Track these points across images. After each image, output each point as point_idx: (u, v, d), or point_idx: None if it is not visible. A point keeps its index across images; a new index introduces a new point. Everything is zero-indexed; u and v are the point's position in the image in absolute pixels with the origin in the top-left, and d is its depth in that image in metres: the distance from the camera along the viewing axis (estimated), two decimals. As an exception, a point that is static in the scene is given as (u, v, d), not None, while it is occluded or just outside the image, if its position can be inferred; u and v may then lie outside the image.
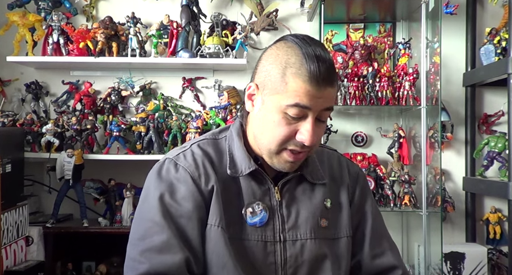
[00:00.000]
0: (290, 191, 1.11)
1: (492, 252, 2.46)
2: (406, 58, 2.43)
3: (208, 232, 1.04)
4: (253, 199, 1.08)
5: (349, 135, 2.63)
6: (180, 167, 1.07)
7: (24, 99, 2.62)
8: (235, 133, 1.13)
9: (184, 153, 1.10)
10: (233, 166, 1.09)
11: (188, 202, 1.04)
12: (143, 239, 1.02)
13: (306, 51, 0.99)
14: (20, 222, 2.19)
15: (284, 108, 1.00)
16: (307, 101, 0.98)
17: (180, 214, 1.03)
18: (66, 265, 2.40)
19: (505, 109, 2.42)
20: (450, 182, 2.62)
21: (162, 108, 2.53)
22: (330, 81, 0.99)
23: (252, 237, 1.06)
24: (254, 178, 1.09)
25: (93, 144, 2.50)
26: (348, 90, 2.36)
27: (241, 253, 1.05)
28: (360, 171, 1.24)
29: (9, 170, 2.15)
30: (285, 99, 0.99)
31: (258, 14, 2.57)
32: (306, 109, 0.99)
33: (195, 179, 1.06)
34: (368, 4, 2.45)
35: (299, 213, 1.09)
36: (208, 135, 1.17)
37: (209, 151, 1.11)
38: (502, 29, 2.36)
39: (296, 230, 1.08)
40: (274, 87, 1.01)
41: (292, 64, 0.99)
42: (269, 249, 1.06)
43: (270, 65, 1.02)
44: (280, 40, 1.06)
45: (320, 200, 1.12)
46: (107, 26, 2.45)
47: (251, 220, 1.06)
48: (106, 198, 2.46)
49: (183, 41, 2.45)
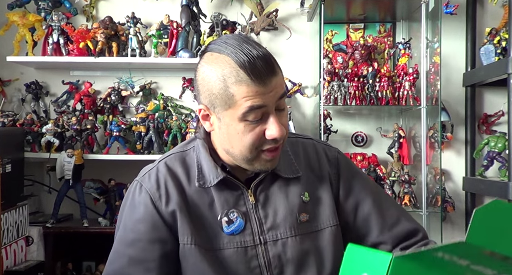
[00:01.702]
0: (264, 191, 1.09)
1: (492, 252, 2.46)
2: (406, 58, 2.43)
3: (182, 252, 1.04)
4: (227, 206, 1.06)
5: (349, 135, 2.63)
6: (143, 189, 1.07)
7: (24, 99, 2.62)
8: (201, 145, 1.11)
9: (150, 172, 1.10)
10: (201, 177, 1.07)
11: (144, 224, 1.04)
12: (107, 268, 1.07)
13: (235, 55, 0.96)
14: (20, 222, 2.19)
15: (242, 116, 0.97)
16: (259, 101, 0.96)
17: (138, 238, 1.04)
18: (66, 265, 2.40)
19: (505, 109, 2.42)
20: (450, 182, 2.62)
21: (162, 108, 2.53)
22: (272, 72, 0.97)
23: (231, 245, 1.04)
24: (225, 185, 1.07)
25: (93, 144, 2.50)
26: (348, 90, 2.36)
27: (223, 263, 1.04)
28: (339, 153, 1.20)
29: (9, 170, 2.15)
30: (239, 109, 0.97)
31: (258, 14, 2.57)
32: (263, 108, 0.98)
33: (154, 201, 1.05)
34: (368, 4, 2.45)
35: (276, 212, 1.08)
36: (176, 149, 1.15)
37: (175, 168, 1.09)
38: (502, 29, 2.36)
39: (275, 230, 1.06)
40: (223, 103, 0.98)
41: (230, 74, 0.96)
42: (250, 254, 1.05)
43: (209, 84, 0.99)
44: (204, 52, 1.03)
45: (296, 195, 1.10)
46: (107, 26, 2.45)
47: (228, 229, 1.05)
48: (106, 198, 2.46)
49: (183, 41, 2.45)
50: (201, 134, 1.12)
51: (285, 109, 1.04)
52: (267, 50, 1.01)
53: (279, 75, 1.00)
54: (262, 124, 0.99)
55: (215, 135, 1.08)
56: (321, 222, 1.10)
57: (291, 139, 1.18)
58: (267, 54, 0.98)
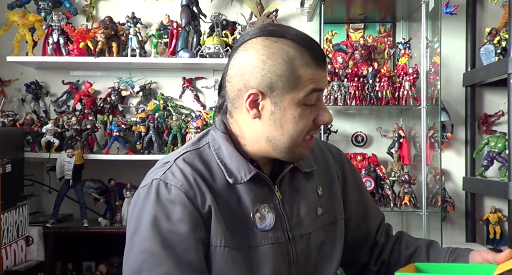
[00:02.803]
0: (288, 187, 1.09)
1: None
2: (406, 58, 2.43)
3: (213, 253, 0.98)
4: (258, 203, 1.03)
5: (349, 136, 2.63)
6: (172, 186, 0.98)
7: (24, 99, 2.62)
8: (223, 139, 1.05)
9: (171, 170, 1.01)
10: (230, 174, 1.01)
11: (185, 224, 0.96)
12: (139, 273, 0.94)
13: (299, 38, 0.99)
14: (20, 222, 2.19)
15: (303, 99, 0.98)
16: (320, 84, 1.00)
17: (179, 239, 0.95)
18: (66, 265, 2.40)
19: (505, 109, 2.42)
20: (450, 182, 2.62)
21: (162, 108, 2.53)
22: (325, 58, 1.03)
23: (266, 241, 1.02)
24: (253, 181, 1.03)
25: (93, 144, 2.50)
26: (348, 90, 2.36)
27: (258, 261, 1.01)
28: (338, 149, 1.25)
29: (9, 170, 2.15)
30: (303, 91, 0.97)
31: (258, 14, 2.57)
32: (319, 93, 1.01)
33: (190, 198, 0.97)
34: (368, 4, 2.45)
35: (299, 207, 1.08)
36: (188, 147, 1.08)
37: (196, 165, 1.02)
38: (502, 29, 2.36)
39: (300, 225, 1.07)
40: (287, 85, 0.97)
41: (295, 56, 0.97)
42: (283, 250, 1.04)
43: (272, 66, 0.96)
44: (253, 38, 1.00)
45: (313, 189, 1.12)
46: (107, 26, 2.45)
47: (261, 225, 1.02)
48: (106, 198, 2.46)
49: (183, 41, 2.45)
50: (221, 129, 1.07)
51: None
52: None
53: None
54: (314, 110, 1.01)
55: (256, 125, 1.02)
56: (334, 215, 1.14)
57: None
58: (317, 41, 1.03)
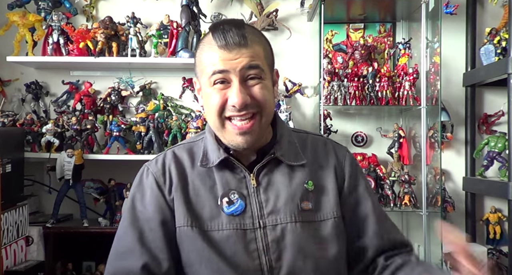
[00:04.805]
0: (267, 176, 1.12)
1: (492, 252, 2.46)
2: (406, 58, 2.43)
3: (179, 234, 1.10)
4: (228, 188, 1.10)
5: (349, 135, 2.63)
6: (149, 173, 1.15)
7: (24, 99, 2.62)
8: (207, 131, 1.18)
9: (158, 158, 1.18)
10: (205, 159, 1.13)
11: (152, 206, 1.11)
12: (115, 244, 1.11)
13: (213, 27, 1.07)
14: (20, 222, 2.19)
15: (209, 81, 1.06)
16: (222, 65, 1.04)
17: (146, 218, 1.10)
18: (66, 265, 2.40)
19: (505, 109, 2.42)
20: (450, 182, 2.62)
21: (162, 108, 2.53)
22: (241, 41, 1.04)
23: (230, 226, 1.07)
24: (227, 168, 1.12)
25: (93, 144, 2.50)
26: (348, 90, 2.36)
27: (221, 244, 1.07)
28: (348, 152, 1.23)
29: (9, 170, 2.15)
30: (207, 73, 1.06)
31: (258, 14, 2.57)
32: (225, 73, 1.04)
33: (160, 184, 1.13)
34: (368, 4, 2.45)
35: (278, 197, 1.10)
36: (187, 140, 1.25)
37: (181, 154, 1.17)
38: (502, 29, 2.36)
39: (275, 214, 1.08)
40: (200, 70, 1.09)
41: (204, 43, 1.08)
42: (249, 237, 1.07)
43: (196, 54, 1.12)
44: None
45: (300, 182, 1.12)
46: (107, 26, 2.45)
47: (228, 209, 1.08)
48: (106, 198, 2.46)
49: (183, 41, 2.45)
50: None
51: (260, 79, 1.07)
52: (251, 26, 1.12)
53: (253, 47, 1.06)
54: (227, 91, 1.06)
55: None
56: (325, 212, 1.13)
57: (301, 134, 1.22)
58: (241, 27, 1.06)
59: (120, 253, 1.08)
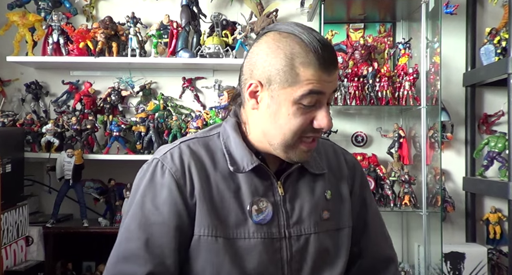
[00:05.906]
0: (293, 185, 1.09)
1: (492, 252, 2.46)
2: (406, 58, 2.43)
3: (196, 243, 1.02)
4: (257, 195, 1.04)
5: (349, 136, 2.63)
6: (166, 170, 1.03)
7: (24, 99, 2.62)
8: (232, 129, 1.09)
9: (172, 151, 1.06)
10: (233, 162, 1.04)
11: (167, 208, 1.01)
12: (117, 245, 1.03)
13: (308, 39, 0.97)
14: (20, 222, 2.19)
15: (299, 98, 0.98)
16: (320, 87, 0.98)
17: (157, 221, 1.00)
18: (66, 265, 2.40)
19: (505, 109, 2.42)
20: (450, 182, 2.62)
21: (162, 108, 2.53)
22: (336, 63, 1.00)
23: (258, 235, 1.03)
24: (256, 173, 1.05)
25: (93, 144, 2.50)
26: (348, 90, 2.36)
27: (245, 253, 1.02)
28: (355, 159, 1.23)
29: (9, 170, 2.15)
30: (299, 90, 0.97)
31: (258, 14, 2.57)
32: (320, 95, 0.99)
33: (180, 186, 1.02)
34: (368, 4, 2.45)
35: (302, 207, 1.07)
36: (198, 134, 1.12)
37: (199, 151, 1.06)
38: (502, 29, 2.36)
39: (300, 225, 1.06)
40: (284, 80, 0.98)
41: (298, 54, 0.97)
42: (275, 246, 1.04)
43: (274, 59, 0.98)
44: (269, 32, 1.03)
45: (321, 192, 1.11)
46: (107, 26, 2.45)
47: (257, 217, 1.03)
48: (106, 198, 2.46)
49: (183, 41, 2.45)
50: (233, 116, 1.12)
51: (329, 105, 1.05)
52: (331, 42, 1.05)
53: (338, 69, 1.02)
54: (312, 112, 1.00)
55: (255, 115, 1.05)
56: (341, 221, 1.12)
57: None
58: (332, 45, 1.02)
59: (123, 257, 1.00)
